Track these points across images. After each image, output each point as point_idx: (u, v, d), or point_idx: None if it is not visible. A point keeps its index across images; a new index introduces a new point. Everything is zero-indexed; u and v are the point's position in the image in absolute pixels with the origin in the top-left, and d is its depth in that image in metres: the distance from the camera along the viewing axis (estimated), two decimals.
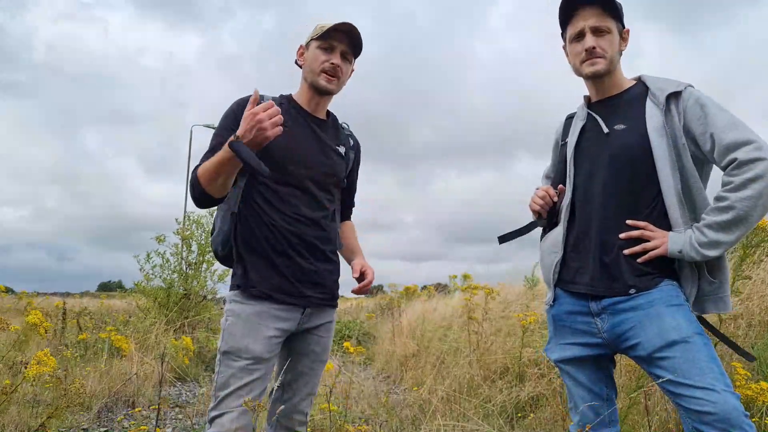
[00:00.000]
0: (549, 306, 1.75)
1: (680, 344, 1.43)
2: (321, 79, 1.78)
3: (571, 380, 1.68)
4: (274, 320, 1.72)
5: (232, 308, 1.73)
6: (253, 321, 1.70)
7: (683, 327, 1.45)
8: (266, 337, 1.69)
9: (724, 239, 1.45)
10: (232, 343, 1.68)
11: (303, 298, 1.76)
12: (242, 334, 1.68)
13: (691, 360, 1.41)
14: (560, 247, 1.69)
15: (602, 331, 1.59)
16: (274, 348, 1.73)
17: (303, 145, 1.79)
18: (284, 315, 1.73)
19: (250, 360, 1.67)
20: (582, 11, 1.64)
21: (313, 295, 1.79)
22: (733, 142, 1.45)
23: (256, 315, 1.70)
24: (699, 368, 1.40)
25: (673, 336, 1.44)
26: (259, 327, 1.69)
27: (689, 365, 1.41)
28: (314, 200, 1.79)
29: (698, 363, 1.40)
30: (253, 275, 1.73)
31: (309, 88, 1.83)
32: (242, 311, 1.71)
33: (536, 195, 1.78)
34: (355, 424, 3.39)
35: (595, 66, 1.63)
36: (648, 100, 1.61)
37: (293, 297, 1.74)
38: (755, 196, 1.41)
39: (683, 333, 1.44)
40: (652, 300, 1.51)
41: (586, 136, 1.71)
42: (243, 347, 1.67)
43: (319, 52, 1.78)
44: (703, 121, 1.51)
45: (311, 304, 1.79)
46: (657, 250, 1.52)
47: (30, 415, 3.33)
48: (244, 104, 1.77)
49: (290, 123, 1.78)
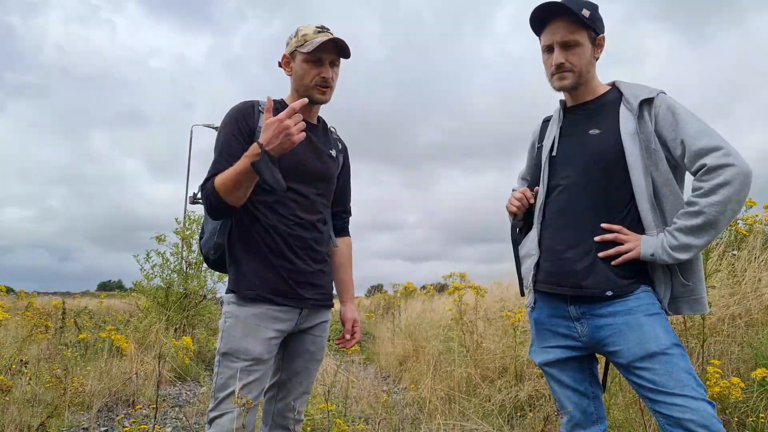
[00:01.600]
0: (530, 309, 1.77)
1: (660, 356, 1.48)
2: (315, 93, 1.80)
3: (556, 382, 1.71)
4: (272, 322, 1.73)
5: (230, 310, 1.74)
6: (252, 323, 1.71)
7: (661, 338, 1.50)
8: (266, 338, 1.71)
9: (694, 243, 1.48)
10: (232, 345, 1.69)
11: (300, 299, 1.78)
12: (242, 335, 1.69)
13: (669, 372, 1.46)
14: (536, 249, 1.72)
15: (582, 335, 1.62)
16: (272, 349, 1.74)
17: (299, 150, 1.79)
18: (282, 316, 1.75)
19: (250, 361, 1.68)
20: (551, 24, 1.65)
21: (310, 296, 1.80)
22: (703, 148, 1.48)
23: (254, 317, 1.71)
24: (678, 379, 1.46)
25: (653, 347, 1.49)
26: (258, 329, 1.70)
27: (668, 377, 1.46)
28: (310, 203, 1.81)
29: (677, 374, 1.46)
30: (250, 277, 1.74)
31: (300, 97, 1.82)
32: (240, 313, 1.72)
33: (513, 197, 1.81)
34: (355, 424, 3.40)
35: (563, 81, 1.66)
36: (622, 105, 1.64)
37: (290, 299, 1.76)
38: (723, 201, 1.45)
39: (662, 344, 1.49)
40: (630, 308, 1.55)
41: (561, 140, 1.73)
42: (243, 348, 1.68)
43: (308, 66, 1.77)
44: (675, 128, 1.54)
45: (308, 305, 1.80)
46: (630, 253, 1.55)
47: (30, 414, 3.34)
48: (243, 110, 1.80)
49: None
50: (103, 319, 8.12)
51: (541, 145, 1.81)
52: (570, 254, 1.63)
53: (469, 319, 4.68)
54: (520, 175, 2.02)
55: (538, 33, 1.72)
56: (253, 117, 1.79)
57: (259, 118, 1.78)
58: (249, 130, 1.76)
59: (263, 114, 1.76)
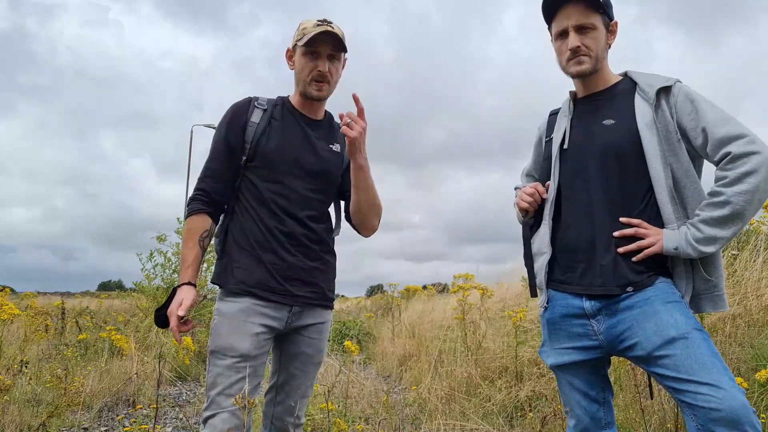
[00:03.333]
0: (543, 309, 1.69)
1: (680, 341, 1.39)
2: (312, 89, 1.79)
3: (568, 385, 1.65)
4: (259, 317, 1.70)
5: (218, 307, 1.73)
6: (238, 318, 1.69)
7: (681, 323, 1.42)
8: (252, 333, 1.68)
9: (720, 235, 1.42)
10: (218, 342, 1.68)
11: (289, 296, 1.74)
12: (228, 332, 1.68)
13: (692, 356, 1.37)
14: (548, 246, 1.66)
15: (599, 333, 1.55)
16: (262, 344, 1.71)
17: (293, 145, 1.79)
18: (270, 312, 1.72)
19: (236, 358, 1.65)
20: (565, 8, 1.60)
21: (301, 293, 1.76)
22: (726, 135, 1.43)
23: (240, 312, 1.69)
24: (701, 364, 1.35)
25: (671, 333, 1.41)
26: (244, 324, 1.68)
27: (691, 361, 1.36)
28: (304, 199, 1.79)
29: (700, 359, 1.36)
30: (236, 271, 1.73)
31: (301, 94, 1.84)
32: (227, 309, 1.71)
33: (524, 192, 1.73)
34: (355, 424, 3.40)
35: (581, 65, 1.60)
36: (636, 95, 1.58)
37: (278, 294, 1.72)
38: (751, 190, 1.38)
39: (681, 329, 1.40)
40: (648, 298, 1.48)
41: (572, 132, 1.67)
42: (228, 345, 1.66)
43: (306, 59, 1.77)
44: (694, 116, 1.49)
45: (298, 303, 1.76)
46: (652, 248, 1.49)
47: (30, 414, 3.34)
48: (239, 107, 1.83)
49: (282, 123, 1.81)
50: (104, 319, 8.13)
51: (550, 138, 1.75)
52: (587, 251, 1.58)
53: (472, 319, 4.68)
54: (524, 172, 1.95)
55: (549, 20, 1.66)
56: (247, 112, 1.82)
57: (253, 112, 1.82)
58: (241, 128, 1.80)
59: (257, 109, 1.82)
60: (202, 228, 1.78)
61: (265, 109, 1.83)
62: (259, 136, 1.78)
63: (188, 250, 1.77)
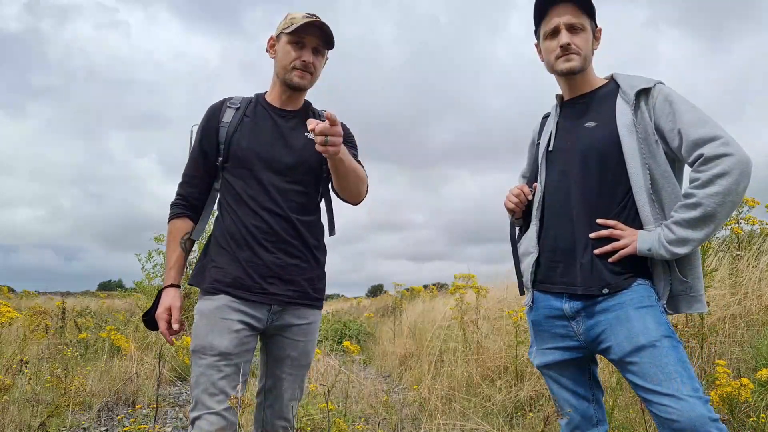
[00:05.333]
0: (528, 309, 1.73)
1: (648, 349, 1.42)
2: (294, 76, 1.76)
3: (555, 384, 1.68)
4: (237, 313, 1.67)
5: (197, 307, 1.73)
6: (215, 316, 1.67)
7: (651, 330, 1.43)
8: (231, 330, 1.65)
9: (692, 236, 1.43)
10: (198, 341, 1.66)
11: (266, 294, 1.70)
12: (206, 331, 1.66)
13: (658, 365, 1.39)
14: (535, 246, 1.68)
15: (579, 333, 1.58)
16: (243, 341, 1.67)
17: (264, 139, 1.77)
18: (248, 310, 1.69)
19: (216, 356, 1.63)
20: (557, 8, 1.63)
21: (279, 292, 1.72)
22: (701, 137, 1.43)
23: (217, 309, 1.67)
24: (666, 373, 1.38)
25: (641, 340, 1.43)
26: (222, 321, 1.66)
27: (656, 370, 1.39)
28: (281, 193, 1.75)
29: (665, 368, 1.39)
30: (213, 271, 1.72)
31: (281, 83, 1.81)
32: (205, 307, 1.70)
33: (511, 193, 1.77)
34: (355, 423, 3.40)
35: (570, 62, 1.62)
36: (618, 97, 1.60)
37: (254, 293, 1.69)
38: (722, 192, 1.39)
39: (651, 337, 1.42)
40: (623, 302, 1.49)
41: (558, 135, 1.71)
42: (208, 344, 1.64)
43: (290, 47, 1.74)
44: (672, 118, 1.50)
45: (276, 302, 1.72)
46: (626, 249, 1.50)
47: (30, 414, 3.34)
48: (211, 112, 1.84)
49: (253, 119, 1.80)
50: (104, 319, 8.13)
51: (540, 141, 1.79)
52: (567, 251, 1.60)
53: (470, 319, 4.68)
54: (521, 174, 1.98)
55: (540, 19, 1.69)
56: (220, 113, 1.82)
57: (225, 112, 1.82)
58: (215, 130, 1.81)
59: (230, 108, 1.82)
60: (184, 230, 1.84)
61: (238, 107, 1.82)
62: (231, 135, 1.77)
63: (171, 252, 1.82)
